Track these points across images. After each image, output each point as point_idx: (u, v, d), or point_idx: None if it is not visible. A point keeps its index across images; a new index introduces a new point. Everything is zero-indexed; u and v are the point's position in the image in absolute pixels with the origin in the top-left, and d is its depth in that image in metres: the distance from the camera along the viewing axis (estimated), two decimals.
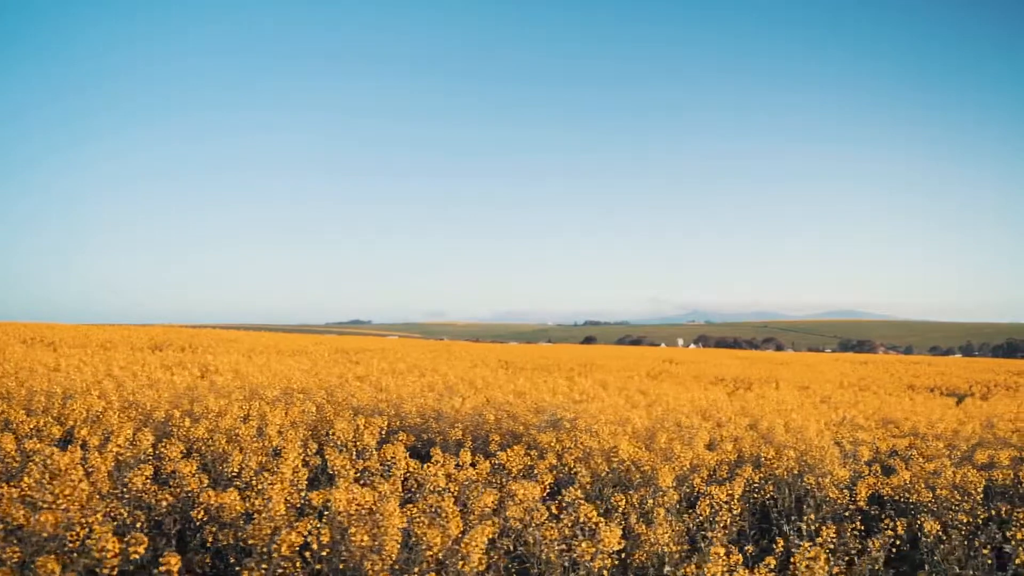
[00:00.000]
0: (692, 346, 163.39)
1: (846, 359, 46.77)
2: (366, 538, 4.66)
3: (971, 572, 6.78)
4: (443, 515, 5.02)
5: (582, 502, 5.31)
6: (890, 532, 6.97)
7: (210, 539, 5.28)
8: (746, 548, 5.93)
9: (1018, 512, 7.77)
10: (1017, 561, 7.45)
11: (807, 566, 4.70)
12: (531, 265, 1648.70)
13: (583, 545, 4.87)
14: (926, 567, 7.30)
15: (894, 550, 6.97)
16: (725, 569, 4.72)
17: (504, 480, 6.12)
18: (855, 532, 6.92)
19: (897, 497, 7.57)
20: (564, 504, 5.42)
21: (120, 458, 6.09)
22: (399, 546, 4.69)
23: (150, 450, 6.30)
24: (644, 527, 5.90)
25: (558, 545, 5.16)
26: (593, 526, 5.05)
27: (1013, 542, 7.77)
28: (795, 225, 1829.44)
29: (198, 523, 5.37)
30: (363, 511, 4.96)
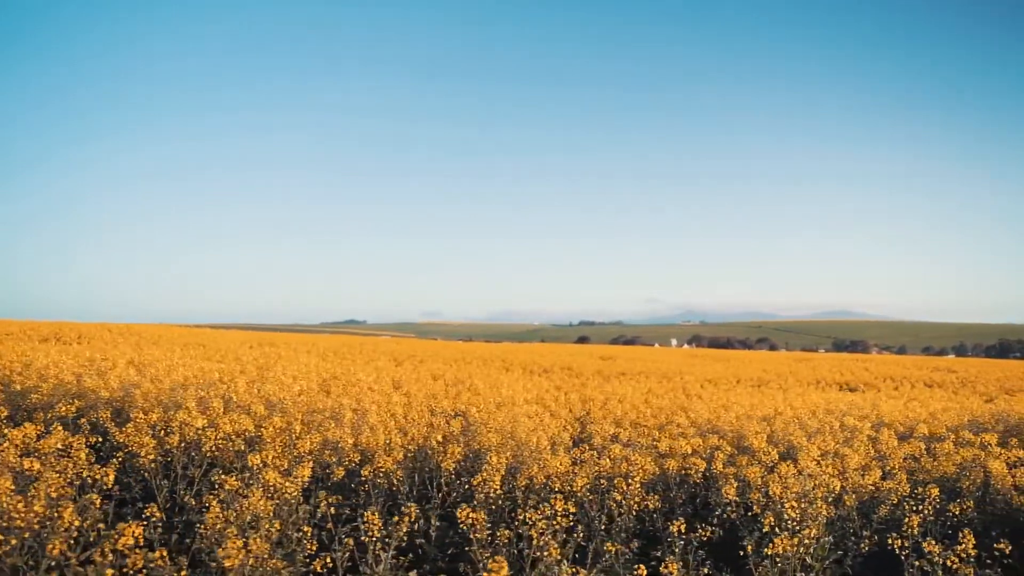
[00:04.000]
0: (686, 346, 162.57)
1: (791, 356, 46.04)
2: None
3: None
4: None
5: None
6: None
7: None
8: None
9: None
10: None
11: None
12: (528, 265, 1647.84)
13: None
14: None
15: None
16: None
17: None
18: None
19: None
20: None
21: None
22: None
23: None
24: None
25: None
26: None
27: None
28: (792, 226, 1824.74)
29: None
30: None
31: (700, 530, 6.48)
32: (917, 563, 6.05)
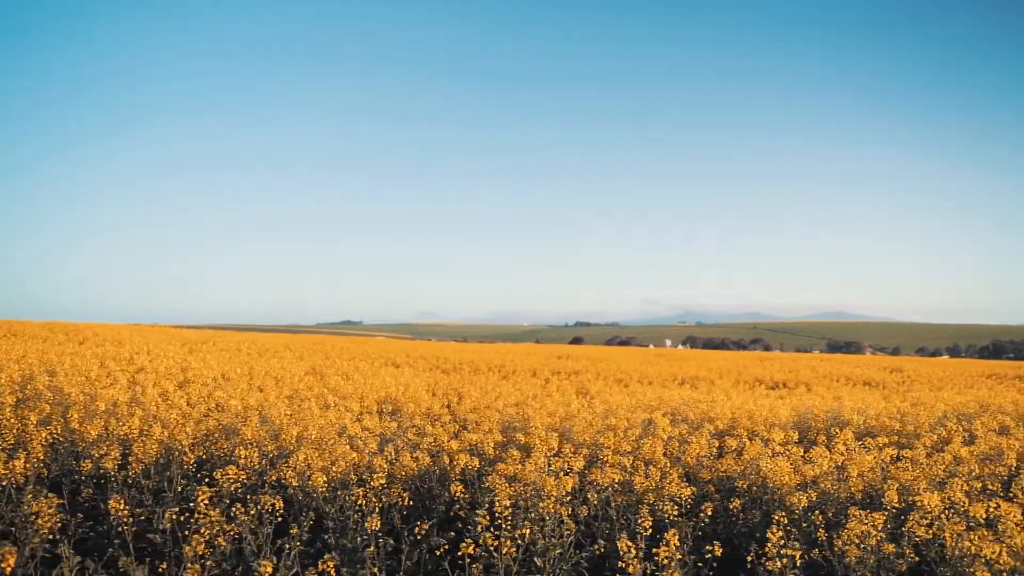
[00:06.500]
0: (680, 347, 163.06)
1: (749, 356, 45.78)
2: None
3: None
4: None
5: None
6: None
7: None
8: None
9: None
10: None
11: None
12: (527, 266, 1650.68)
13: None
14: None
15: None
16: None
17: None
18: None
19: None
20: None
21: None
22: None
23: None
24: None
25: None
26: None
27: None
28: (789, 227, 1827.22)
29: None
30: None
31: (417, 528, 6.24)
32: (641, 565, 5.80)
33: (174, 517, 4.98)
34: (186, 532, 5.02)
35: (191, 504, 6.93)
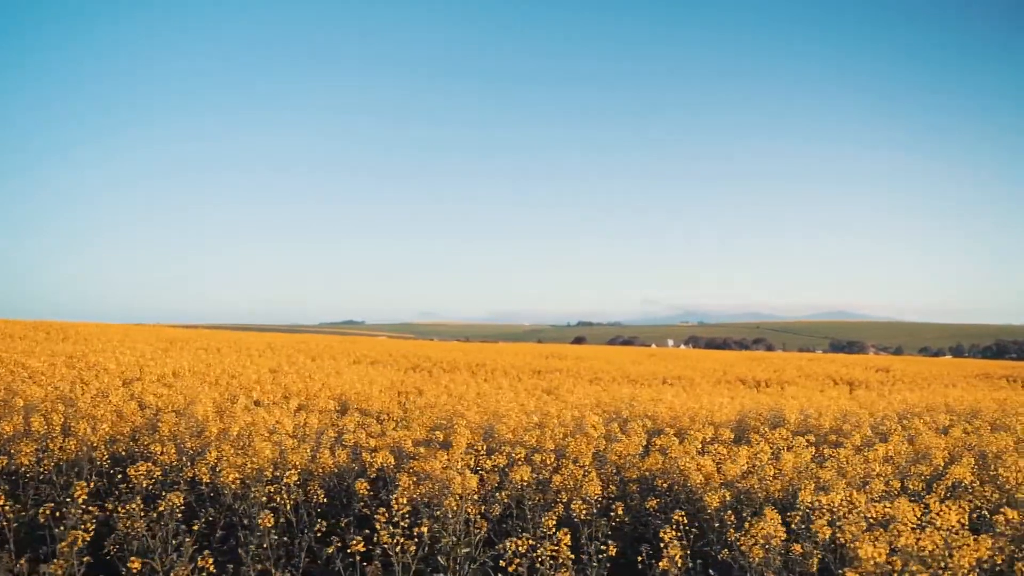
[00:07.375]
0: (682, 346, 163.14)
1: (741, 356, 45.67)
2: None
3: None
4: None
5: None
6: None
7: None
8: None
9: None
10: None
11: None
12: (529, 266, 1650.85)
13: None
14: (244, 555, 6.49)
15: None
16: None
17: None
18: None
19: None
20: None
21: None
22: None
23: None
24: None
25: None
26: None
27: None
28: (791, 226, 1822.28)
29: None
30: None
31: (317, 526, 6.20)
32: (539, 566, 5.74)
33: (48, 512, 4.94)
34: (62, 527, 4.97)
35: (103, 500, 6.99)
